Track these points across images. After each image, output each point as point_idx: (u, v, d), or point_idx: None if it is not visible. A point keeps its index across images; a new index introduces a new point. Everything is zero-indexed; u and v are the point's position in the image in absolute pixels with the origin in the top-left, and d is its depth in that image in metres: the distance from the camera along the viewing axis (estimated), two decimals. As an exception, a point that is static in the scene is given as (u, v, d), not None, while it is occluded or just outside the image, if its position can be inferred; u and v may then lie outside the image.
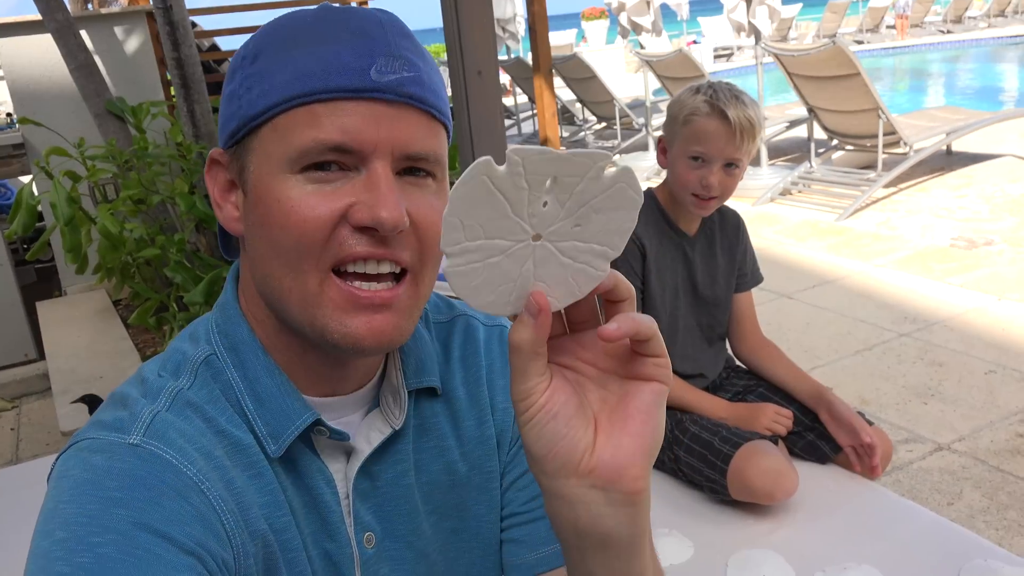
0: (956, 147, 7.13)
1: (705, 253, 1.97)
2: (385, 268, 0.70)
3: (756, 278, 2.09)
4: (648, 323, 0.55)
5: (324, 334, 0.70)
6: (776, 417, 1.85)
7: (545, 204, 0.53)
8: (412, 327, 0.74)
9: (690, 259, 1.95)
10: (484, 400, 0.87)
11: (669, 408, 1.97)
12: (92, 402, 2.52)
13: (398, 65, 0.69)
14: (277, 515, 0.74)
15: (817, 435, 1.89)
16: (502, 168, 0.52)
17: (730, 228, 2.03)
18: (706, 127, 1.79)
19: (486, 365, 0.88)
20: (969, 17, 21.23)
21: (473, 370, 0.88)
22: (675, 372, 1.95)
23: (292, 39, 0.71)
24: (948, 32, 20.08)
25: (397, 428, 0.80)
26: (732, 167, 1.81)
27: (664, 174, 1.93)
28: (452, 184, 0.54)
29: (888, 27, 20.87)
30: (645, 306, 1.91)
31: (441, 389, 0.85)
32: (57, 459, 0.70)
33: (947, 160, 6.97)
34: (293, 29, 0.72)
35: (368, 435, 0.79)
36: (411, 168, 0.71)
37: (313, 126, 0.68)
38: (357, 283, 0.69)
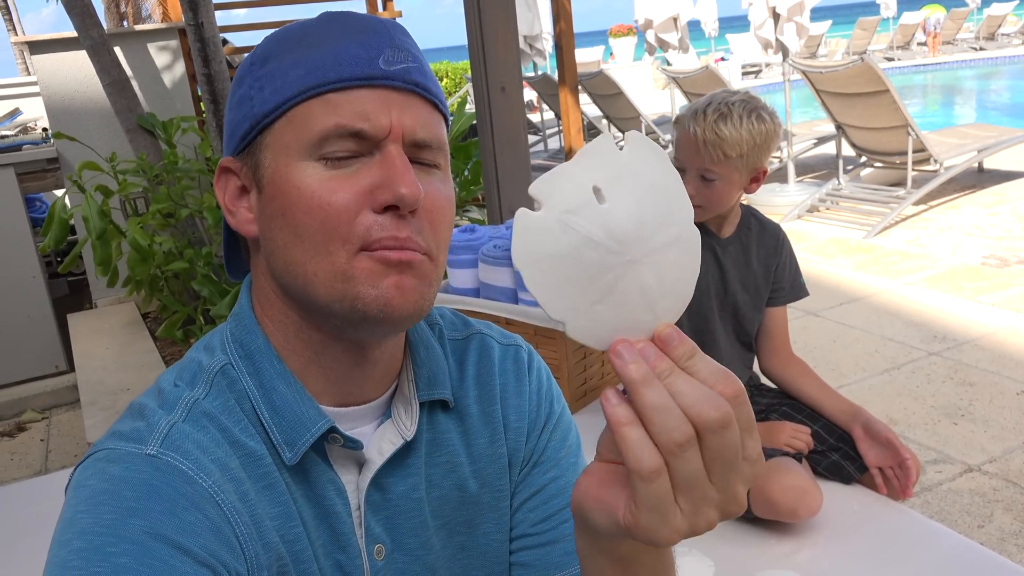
0: (988, 164, 7.04)
1: (739, 259, 1.95)
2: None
3: (796, 293, 2.04)
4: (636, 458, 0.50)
5: (356, 302, 0.70)
6: (794, 433, 1.83)
7: None
8: (432, 300, 0.75)
9: (721, 261, 1.93)
10: (497, 419, 0.87)
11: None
12: None
13: (402, 56, 0.73)
14: (289, 526, 0.74)
15: (842, 455, 1.86)
16: None
17: (769, 239, 1.99)
18: (679, 136, 1.84)
19: (500, 384, 0.88)
20: (1002, 34, 20.98)
21: (487, 389, 0.88)
22: None
23: (301, 40, 0.74)
24: (981, 49, 19.86)
25: (408, 439, 0.80)
26: (707, 180, 1.80)
27: None
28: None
29: (919, 44, 20.69)
30: None
31: (453, 403, 0.85)
32: (75, 469, 0.71)
33: (978, 178, 6.89)
34: (300, 32, 0.75)
35: (380, 446, 0.80)
36: (418, 158, 0.74)
37: (330, 113, 0.70)
38: (382, 251, 0.71)
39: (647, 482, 0.49)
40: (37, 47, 4.66)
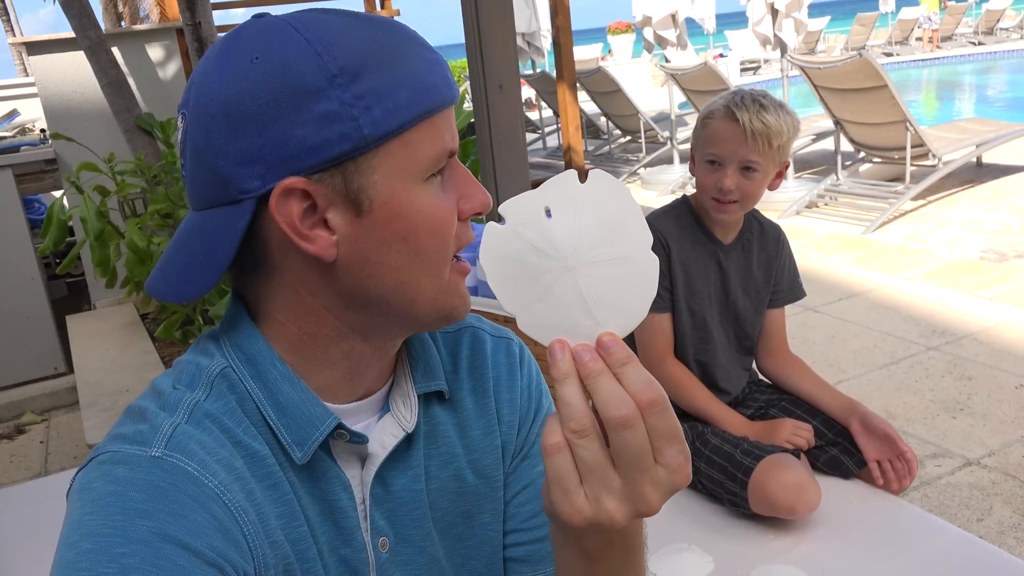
0: (986, 159, 7.05)
1: (740, 264, 1.95)
2: None
3: (795, 294, 2.05)
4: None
5: (451, 312, 0.78)
6: (795, 430, 1.83)
7: None
8: None
9: (724, 268, 1.93)
10: (491, 411, 0.89)
11: (692, 419, 1.96)
12: None
13: (448, 71, 0.76)
14: (293, 525, 0.74)
15: (841, 450, 1.86)
16: None
17: (770, 241, 1.99)
18: (719, 129, 1.81)
19: (493, 377, 0.89)
20: (1001, 29, 20.97)
21: (481, 381, 0.89)
22: (704, 382, 1.93)
23: (392, 56, 0.70)
24: (979, 44, 19.85)
25: (409, 431, 0.81)
26: (749, 171, 1.80)
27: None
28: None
29: (918, 39, 20.68)
30: (674, 309, 1.90)
31: (449, 394, 0.86)
32: (77, 473, 0.71)
33: (977, 172, 6.89)
34: (381, 44, 0.70)
35: (382, 440, 0.80)
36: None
37: (436, 136, 0.73)
38: (461, 262, 0.79)
39: (549, 455, 0.59)
40: (35, 48, 4.66)
